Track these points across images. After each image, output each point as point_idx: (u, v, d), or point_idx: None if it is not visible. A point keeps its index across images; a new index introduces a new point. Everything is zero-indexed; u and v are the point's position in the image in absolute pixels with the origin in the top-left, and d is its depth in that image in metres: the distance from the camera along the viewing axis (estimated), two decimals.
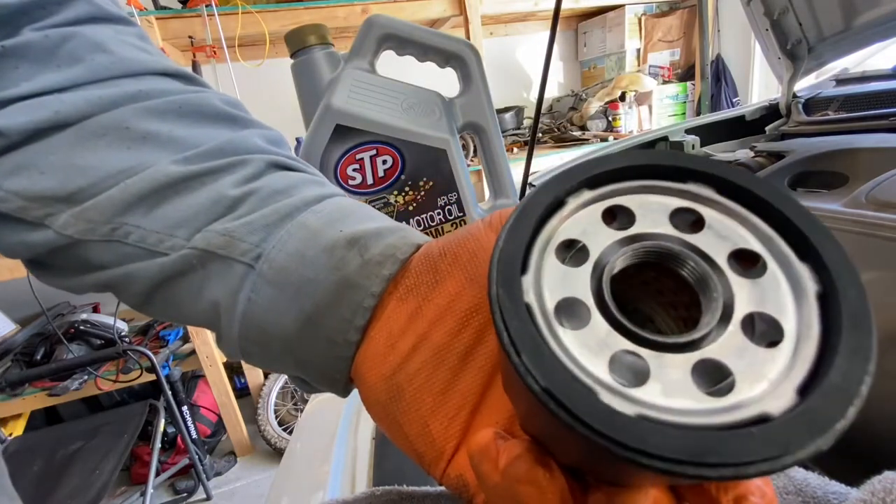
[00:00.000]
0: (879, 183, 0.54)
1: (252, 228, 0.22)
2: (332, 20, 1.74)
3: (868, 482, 0.17)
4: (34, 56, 0.22)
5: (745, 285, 0.10)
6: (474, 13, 1.91)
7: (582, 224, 0.11)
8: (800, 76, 1.03)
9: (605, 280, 0.10)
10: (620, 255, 0.11)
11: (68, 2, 0.24)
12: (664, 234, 0.11)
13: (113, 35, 0.25)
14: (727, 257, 0.10)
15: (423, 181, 0.42)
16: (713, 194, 0.11)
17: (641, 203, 0.11)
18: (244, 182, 0.23)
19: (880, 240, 0.45)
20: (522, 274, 0.10)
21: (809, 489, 0.20)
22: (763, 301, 0.10)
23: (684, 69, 2.59)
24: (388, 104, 0.40)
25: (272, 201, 0.22)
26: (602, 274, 0.10)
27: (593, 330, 0.10)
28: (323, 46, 0.41)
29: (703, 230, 0.11)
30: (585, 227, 0.11)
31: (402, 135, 0.40)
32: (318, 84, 0.40)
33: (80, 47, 0.23)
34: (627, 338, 0.10)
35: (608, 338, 0.10)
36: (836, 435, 0.09)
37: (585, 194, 0.11)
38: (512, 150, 2.30)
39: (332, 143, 0.39)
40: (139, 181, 0.22)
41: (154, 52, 0.26)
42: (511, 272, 0.10)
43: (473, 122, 0.45)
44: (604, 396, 0.09)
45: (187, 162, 0.22)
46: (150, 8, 1.68)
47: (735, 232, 0.11)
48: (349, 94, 0.39)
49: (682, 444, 0.08)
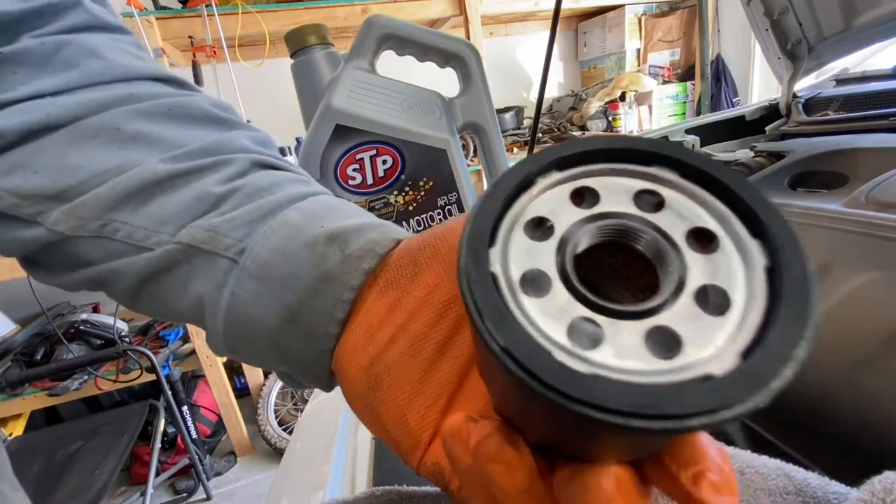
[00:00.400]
0: (879, 183, 0.54)
1: (235, 224, 0.22)
2: (332, 20, 1.74)
3: (868, 482, 0.17)
4: (31, 62, 0.23)
5: (700, 260, 0.11)
6: (474, 13, 1.91)
7: (550, 203, 0.12)
8: (800, 76, 1.03)
9: (569, 253, 0.11)
10: (585, 231, 0.11)
11: (65, 11, 0.25)
12: (627, 213, 0.12)
13: (108, 42, 0.26)
14: (685, 235, 0.11)
15: (423, 181, 0.42)
16: (676, 177, 0.12)
17: (607, 184, 0.12)
18: (229, 180, 0.24)
19: (880, 240, 0.45)
20: (490, 247, 0.11)
21: (809, 489, 0.20)
22: (715, 274, 0.11)
23: (684, 69, 2.59)
24: (388, 104, 0.40)
25: (256, 198, 0.23)
26: (566, 248, 0.11)
27: (554, 298, 0.11)
28: (323, 46, 0.41)
29: (663, 210, 0.11)
30: (553, 206, 0.12)
31: (402, 135, 0.40)
32: (318, 84, 0.40)
33: (74, 54, 0.24)
34: (586, 306, 0.11)
35: (568, 305, 0.11)
36: (772, 393, 0.09)
37: (554, 175, 0.12)
38: (512, 150, 2.30)
39: (332, 143, 0.39)
40: (127, 179, 0.22)
41: (147, 59, 0.27)
42: (479, 245, 0.11)
43: (473, 122, 0.45)
44: (559, 356, 0.10)
45: (174, 161, 0.23)
46: (150, 8, 1.68)
47: (694, 212, 0.11)
48: (349, 94, 0.39)
49: (628, 398, 0.09)
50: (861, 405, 0.35)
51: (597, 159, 0.12)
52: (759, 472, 0.21)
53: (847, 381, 0.37)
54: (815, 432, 0.38)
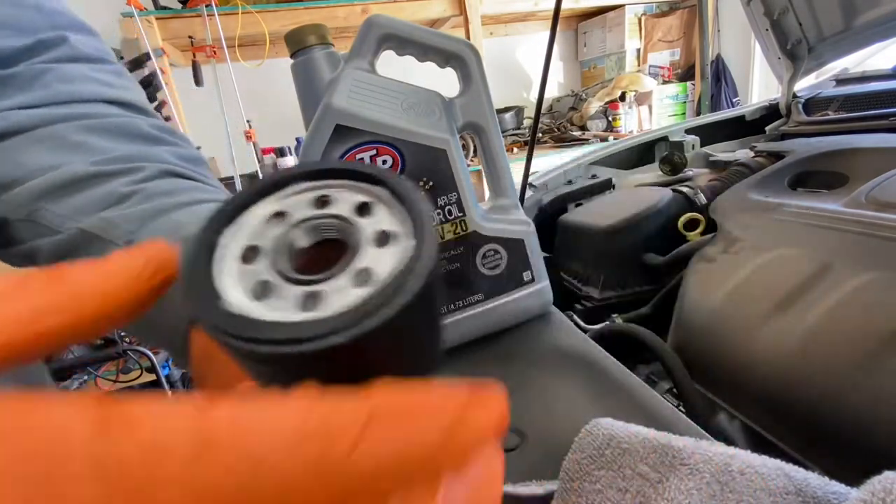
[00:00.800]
0: (879, 183, 0.54)
1: (129, 219, 0.27)
2: (332, 20, 1.74)
3: (868, 482, 0.17)
4: (17, 83, 0.30)
5: (366, 225, 0.14)
6: (474, 13, 1.91)
7: (259, 223, 0.15)
8: (800, 76, 1.03)
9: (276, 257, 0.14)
10: (276, 229, 0.14)
11: (54, 46, 0.32)
12: (310, 214, 0.15)
13: (84, 71, 0.32)
14: (352, 210, 0.14)
15: (423, 181, 0.41)
16: (343, 181, 0.15)
17: (295, 202, 0.15)
18: (135, 183, 0.29)
19: (880, 240, 0.45)
20: (227, 226, 0.14)
21: (809, 489, 0.20)
22: (377, 224, 0.14)
23: (684, 69, 2.59)
24: (388, 104, 0.40)
25: (154, 200, 0.28)
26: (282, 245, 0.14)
27: (256, 271, 0.13)
28: (323, 46, 0.41)
29: (331, 204, 0.15)
30: (262, 225, 0.15)
31: (402, 135, 0.40)
32: (318, 84, 0.40)
33: (50, 79, 0.31)
34: (281, 277, 0.13)
35: (262, 275, 0.13)
36: (382, 318, 0.11)
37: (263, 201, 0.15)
38: (512, 150, 2.30)
39: (332, 143, 0.39)
40: (58, 175, 0.28)
41: (118, 86, 0.34)
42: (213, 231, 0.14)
43: (473, 122, 0.45)
44: (224, 303, 0.12)
45: (97, 164, 0.29)
46: (150, 8, 1.68)
47: (354, 196, 0.15)
48: (349, 94, 0.39)
49: (256, 328, 0.11)
50: (861, 405, 0.35)
51: (295, 181, 0.15)
52: (758, 472, 0.21)
53: (847, 381, 0.37)
54: (815, 432, 0.38)
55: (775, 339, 0.43)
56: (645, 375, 0.60)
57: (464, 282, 0.45)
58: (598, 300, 0.67)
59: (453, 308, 0.45)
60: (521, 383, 0.39)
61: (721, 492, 0.20)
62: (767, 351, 0.43)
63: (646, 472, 0.22)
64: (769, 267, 0.50)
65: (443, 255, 0.44)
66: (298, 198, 0.15)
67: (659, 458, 0.22)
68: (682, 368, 0.46)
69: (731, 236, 0.58)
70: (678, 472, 0.21)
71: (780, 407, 0.41)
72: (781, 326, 0.44)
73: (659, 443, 0.23)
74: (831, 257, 0.46)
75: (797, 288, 0.45)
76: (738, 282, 0.51)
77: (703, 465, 0.21)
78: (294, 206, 0.15)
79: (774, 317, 0.45)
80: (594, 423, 0.25)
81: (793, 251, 0.50)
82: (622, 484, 0.22)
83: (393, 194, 0.15)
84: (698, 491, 0.20)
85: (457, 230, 0.43)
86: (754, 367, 0.44)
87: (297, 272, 0.13)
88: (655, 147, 1.19)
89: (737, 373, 0.45)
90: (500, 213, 0.47)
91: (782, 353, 0.42)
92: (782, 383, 0.41)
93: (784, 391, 0.41)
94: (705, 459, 0.21)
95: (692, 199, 0.73)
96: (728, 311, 0.49)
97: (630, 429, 0.24)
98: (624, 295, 0.68)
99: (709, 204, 0.70)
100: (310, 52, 0.40)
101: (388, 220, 0.14)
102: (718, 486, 0.20)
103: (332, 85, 0.39)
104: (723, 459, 0.21)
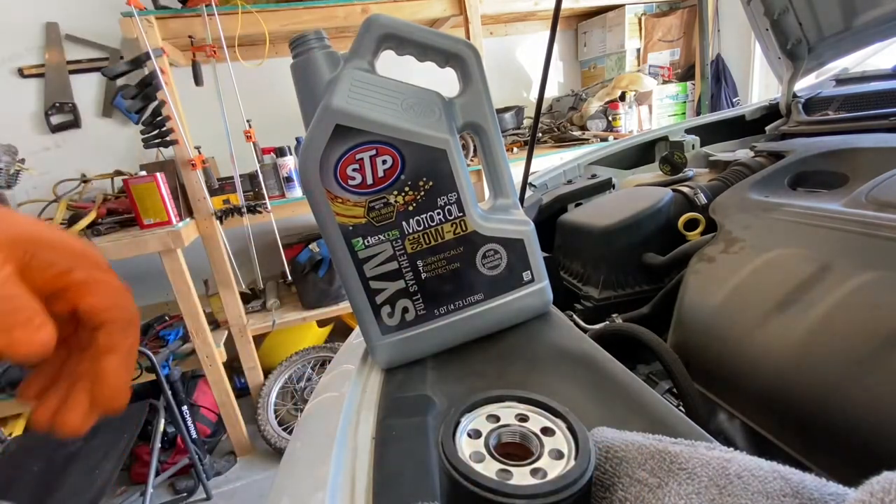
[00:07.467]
0: (879, 183, 0.54)
1: None
2: (332, 20, 1.74)
3: (867, 482, 0.17)
4: None
5: (547, 442, 0.24)
6: (474, 13, 1.91)
7: (479, 419, 0.26)
8: (800, 76, 1.03)
9: (492, 443, 0.24)
10: (493, 431, 0.25)
11: None
12: (512, 424, 0.25)
13: None
14: (539, 431, 0.25)
15: (423, 181, 0.41)
16: (539, 409, 0.26)
17: (506, 413, 0.26)
18: None
19: (880, 240, 0.45)
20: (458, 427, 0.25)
21: (806, 491, 0.20)
22: (555, 444, 0.24)
23: (684, 69, 2.59)
24: (388, 104, 0.40)
25: None
26: (490, 439, 0.25)
27: (475, 444, 0.24)
28: (322, 46, 0.41)
29: (528, 421, 0.25)
30: (480, 421, 0.26)
31: (402, 135, 0.40)
32: (318, 84, 0.40)
33: None
34: (502, 463, 0.23)
35: (479, 448, 0.24)
36: (569, 492, 0.21)
37: (483, 409, 0.27)
38: (512, 150, 2.29)
39: (331, 143, 0.39)
40: None
41: None
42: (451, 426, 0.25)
43: (473, 122, 0.45)
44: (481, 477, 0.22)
45: None
46: (150, 7, 1.68)
47: (543, 421, 0.25)
48: (349, 94, 0.39)
49: (510, 489, 0.21)
50: (861, 405, 0.35)
51: (504, 401, 0.27)
52: (755, 475, 0.21)
53: (847, 381, 0.37)
54: (814, 432, 0.38)
55: (775, 338, 0.43)
56: (645, 375, 0.60)
57: (464, 282, 0.45)
58: (597, 300, 0.67)
59: (453, 308, 0.45)
60: (521, 383, 0.39)
61: (719, 495, 0.20)
62: (767, 351, 0.43)
63: (644, 477, 0.22)
64: (769, 267, 0.50)
65: (443, 255, 0.44)
66: (508, 411, 0.26)
67: (657, 463, 0.22)
68: (682, 368, 0.46)
69: (730, 236, 0.58)
70: (677, 476, 0.21)
71: (780, 407, 0.41)
72: (781, 326, 0.44)
73: (656, 448, 0.23)
74: (831, 257, 0.46)
75: (797, 288, 0.45)
76: (738, 282, 0.51)
77: (701, 469, 0.21)
78: (505, 415, 0.26)
79: (774, 317, 0.45)
80: (591, 433, 0.25)
81: (793, 251, 0.50)
82: (621, 494, 0.22)
83: (568, 429, 0.24)
84: (697, 495, 0.20)
85: (457, 230, 0.43)
86: (754, 367, 0.44)
87: (497, 454, 0.23)
88: (655, 147, 1.19)
89: (737, 372, 0.45)
90: (500, 213, 0.47)
91: (782, 353, 0.42)
92: (782, 383, 0.41)
93: (784, 391, 0.41)
94: (703, 463, 0.22)
95: (692, 198, 0.73)
96: (728, 310, 0.49)
97: (626, 437, 0.24)
98: (624, 295, 0.68)
99: (709, 204, 0.70)
100: (310, 52, 0.40)
101: (563, 444, 0.24)
102: (716, 489, 0.20)
103: (332, 85, 0.39)
104: (720, 463, 0.21)
